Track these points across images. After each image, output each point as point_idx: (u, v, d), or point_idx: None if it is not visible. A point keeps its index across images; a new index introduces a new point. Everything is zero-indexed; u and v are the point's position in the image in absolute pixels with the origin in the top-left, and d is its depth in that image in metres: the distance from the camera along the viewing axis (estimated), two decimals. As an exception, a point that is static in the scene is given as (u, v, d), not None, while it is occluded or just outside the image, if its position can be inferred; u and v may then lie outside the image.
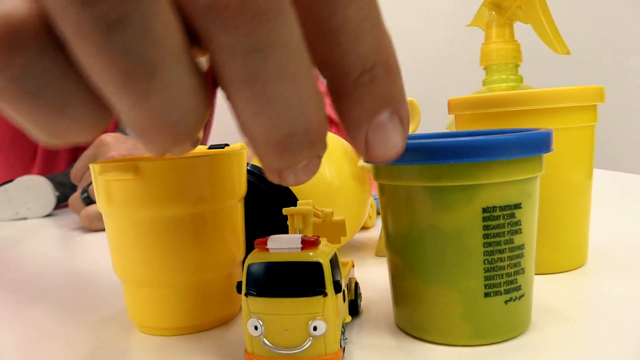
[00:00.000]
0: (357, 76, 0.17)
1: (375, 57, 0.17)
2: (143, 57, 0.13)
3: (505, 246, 0.25)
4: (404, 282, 0.27)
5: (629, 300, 0.30)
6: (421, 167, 0.24)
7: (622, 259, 0.37)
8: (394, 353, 0.25)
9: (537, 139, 0.24)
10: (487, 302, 0.25)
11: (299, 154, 0.17)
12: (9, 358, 0.28)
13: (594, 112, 0.36)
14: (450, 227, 0.24)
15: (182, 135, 0.15)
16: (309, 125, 0.16)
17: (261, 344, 0.23)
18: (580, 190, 0.35)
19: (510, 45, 0.42)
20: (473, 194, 0.24)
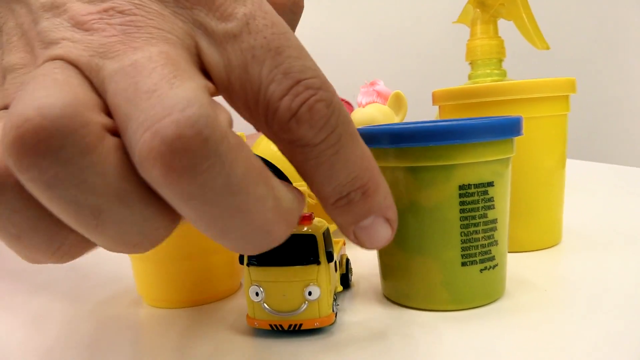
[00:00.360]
0: (334, 202, 0.20)
1: (351, 186, 0.19)
2: (84, 203, 0.15)
3: (480, 220, 0.27)
4: (390, 255, 0.29)
5: (599, 274, 0.32)
6: (403, 150, 0.27)
7: (594, 239, 0.40)
8: (381, 318, 0.28)
9: (506, 124, 0.27)
10: (464, 270, 0.28)
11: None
12: (21, 334, 0.30)
13: (567, 102, 0.39)
14: (430, 203, 0.27)
15: (149, 248, 0.17)
16: (272, 242, 0.18)
17: (261, 309, 0.26)
18: (554, 174, 0.38)
19: (494, 41, 0.45)
20: (450, 173, 0.27)
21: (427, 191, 0.27)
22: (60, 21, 0.18)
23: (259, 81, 0.18)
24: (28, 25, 0.19)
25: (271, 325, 0.26)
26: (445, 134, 0.26)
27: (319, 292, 0.26)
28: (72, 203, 0.15)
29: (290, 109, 0.17)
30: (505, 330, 0.25)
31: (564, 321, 0.26)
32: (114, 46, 0.17)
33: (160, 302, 0.32)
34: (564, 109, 0.38)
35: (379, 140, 0.27)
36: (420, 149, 0.27)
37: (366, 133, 0.28)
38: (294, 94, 0.17)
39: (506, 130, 0.27)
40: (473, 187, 0.27)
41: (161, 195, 0.16)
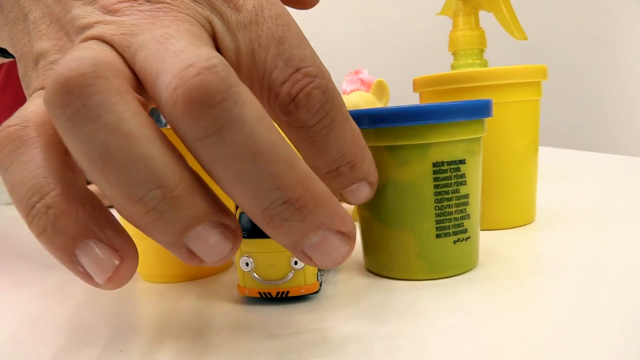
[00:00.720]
0: (325, 173, 0.22)
1: (341, 161, 0.22)
2: (95, 139, 0.17)
3: (452, 195, 0.30)
4: (371, 230, 0.32)
5: (568, 248, 0.35)
6: (382, 130, 0.29)
7: (566, 219, 0.42)
8: (362, 287, 0.30)
9: (475, 106, 0.29)
10: (438, 242, 0.30)
11: (287, 224, 0.18)
12: (22, 310, 0.32)
13: (538, 87, 0.41)
14: (407, 179, 0.29)
15: (152, 204, 0.18)
16: (288, 194, 0.18)
17: (251, 278, 0.28)
18: (527, 155, 0.41)
19: (476, 32, 0.47)
20: (424, 151, 0.29)
21: (403, 168, 0.29)
22: (92, 9, 0.20)
23: (263, 67, 0.20)
24: (59, 14, 0.21)
25: (260, 293, 0.28)
26: (420, 114, 0.28)
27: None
28: (86, 141, 0.17)
29: (290, 94, 0.20)
30: (477, 295, 0.28)
31: (532, 286, 0.28)
32: (144, 26, 0.19)
33: (156, 278, 0.34)
34: (536, 94, 0.41)
35: (361, 122, 0.29)
36: (397, 129, 0.29)
37: (350, 115, 0.30)
38: (293, 80, 0.20)
39: (476, 112, 0.29)
40: (446, 164, 0.29)
41: (181, 136, 0.18)
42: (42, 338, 0.27)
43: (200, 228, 0.18)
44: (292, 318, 0.27)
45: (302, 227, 0.18)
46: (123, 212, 0.19)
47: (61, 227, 0.18)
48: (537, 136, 0.42)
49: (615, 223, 0.39)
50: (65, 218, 0.18)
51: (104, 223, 0.19)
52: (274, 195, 0.18)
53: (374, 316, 0.26)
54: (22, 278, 0.38)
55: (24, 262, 0.43)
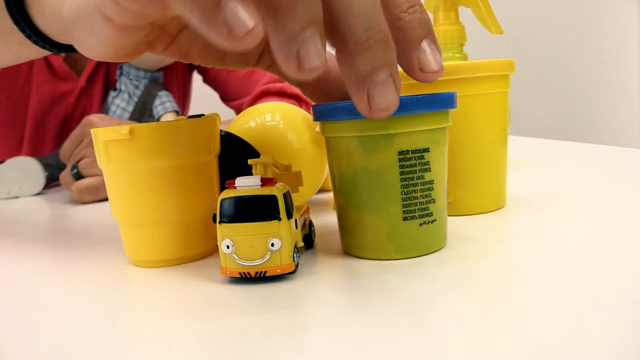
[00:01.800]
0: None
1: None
2: None
3: (418, 181, 0.32)
4: (346, 214, 0.34)
5: (535, 230, 0.37)
6: (354, 121, 0.31)
7: (534, 204, 0.45)
8: (336, 267, 0.33)
9: (438, 99, 0.31)
10: (405, 224, 0.32)
11: (375, 48, 0.24)
12: (15, 294, 0.35)
13: (507, 80, 0.43)
14: (376, 166, 0.32)
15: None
16: (384, 28, 0.24)
17: (232, 259, 0.30)
18: (497, 144, 0.43)
19: (456, 26, 0.49)
20: (390, 140, 0.31)
21: (372, 156, 0.32)
22: None
23: None
24: None
25: (240, 274, 0.31)
26: None
27: (280, 244, 0.30)
28: None
29: None
30: (443, 273, 0.30)
31: (497, 266, 0.31)
32: None
33: (146, 263, 0.37)
34: (504, 86, 0.43)
35: (335, 114, 0.32)
36: (366, 121, 0.31)
37: (325, 108, 0.32)
38: None
39: (439, 104, 0.31)
40: (410, 152, 0.31)
41: None
42: (35, 316, 0.29)
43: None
44: (270, 296, 0.29)
45: (382, 57, 0.24)
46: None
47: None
48: (506, 125, 0.44)
49: (581, 208, 0.42)
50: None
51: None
52: (374, 23, 0.24)
53: (347, 292, 0.28)
54: (20, 263, 0.40)
55: (21, 250, 0.45)
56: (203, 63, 0.35)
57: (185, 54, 0.34)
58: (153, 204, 0.35)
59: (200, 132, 0.36)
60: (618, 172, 0.55)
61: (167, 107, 0.88)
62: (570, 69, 1.78)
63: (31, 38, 0.35)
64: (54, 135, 0.93)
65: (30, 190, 0.79)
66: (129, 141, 0.34)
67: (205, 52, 0.35)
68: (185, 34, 0.33)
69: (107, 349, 0.24)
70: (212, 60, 0.35)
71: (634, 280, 0.26)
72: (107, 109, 0.88)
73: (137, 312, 0.29)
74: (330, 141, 0.34)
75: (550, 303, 0.24)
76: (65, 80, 0.90)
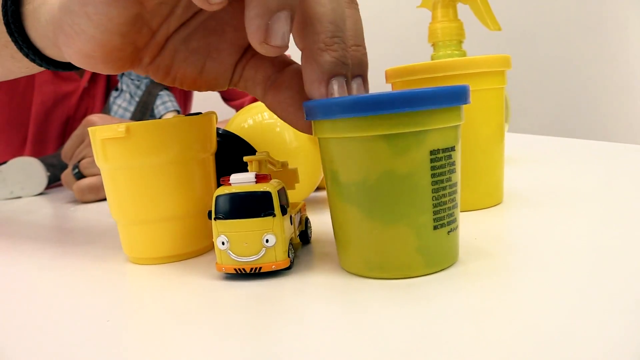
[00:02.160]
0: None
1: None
2: None
3: (447, 184, 0.29)
4: (360, 228, 0.29)
5: (532, 226, 0.37)
6: (378, 117, 0.27)
7: (532, 199, 0.45)
8: (331, 263, 0.33)
9: (463, 91, 0.28)
10: (435, 234, 0.29)
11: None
12: (14, 290, 0.35)
13: (503, 76, 0.43)
14: (405, 170, 0.28)
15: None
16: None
17: (227, 256, 0.31)
18: (494, 139, 0.43)
19: (454, 23, 0.49)
20: (423, 138, 0.28)
21: (401, 158, 0.28)
22: None
23: None
24: None
25: (236, 270, 0.31)
26: (421, 99, 0.27)
27: (275, 240, 0.30)
28: None
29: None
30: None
31: (493, 259, 0.30)
32: None
33: (143, 260, 0.37)
34: (501, 82, 0.43)
35: (353, 109, 0.27)
36: (396, 116, 0.27)
37: (332, 104, 0.28)
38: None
39: (463, 97, 0.29)
40: (441, 151, 0.28)
41: None
42: (33, 312, 0.29)
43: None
44: (265, 292, 0.29)
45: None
46: None
47: None
48: (503, 121, 0.44)
49: (579, 205, 0.42)
50: None
51: None
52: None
53: (342, 288, 0.29)
54: (20, 261, 0.41)
55: (21, 249, 0.45)
56: (183, 82, 0.35)
57: (168, 67, 0.34)
58: (150, 201, 0.35)
59: (197, 130, 0.36)
60: (616, 169, 0.55)
61: (168, 106, 0.88)
62: (569, 66, 1.77)
63: (22, 50, 0.36)
64: (57, 135, 0.94)
65: (32, 191, 0.79)
66: (125, 139, 0.34)
67: (186, 63, 0.34)
68: (171, 44, 0.33)
69: (103, 345, 0.24)
70: (191, 76, 0.34)
71: (633, 277, 0.26)
72: (108, 109, 0.89)
73: (132, 309, 0.29)
74: (335, 143, 0.29)
75: (549, 299, 0.24)
76: (68, 81, 0.91)
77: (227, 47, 0.34)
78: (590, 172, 0.54)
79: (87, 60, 0.31)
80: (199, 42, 0.34)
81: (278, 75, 0.33)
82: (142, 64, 0.33)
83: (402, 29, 1.58)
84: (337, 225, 0.31)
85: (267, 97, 0.33)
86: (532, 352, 0.20)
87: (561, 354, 0.19)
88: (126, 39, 0.31)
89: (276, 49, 0.27)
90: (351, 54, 0.30)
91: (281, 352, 0.22)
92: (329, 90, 0.29)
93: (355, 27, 0.30)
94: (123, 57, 0.32)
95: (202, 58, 0.34)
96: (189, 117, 0.36)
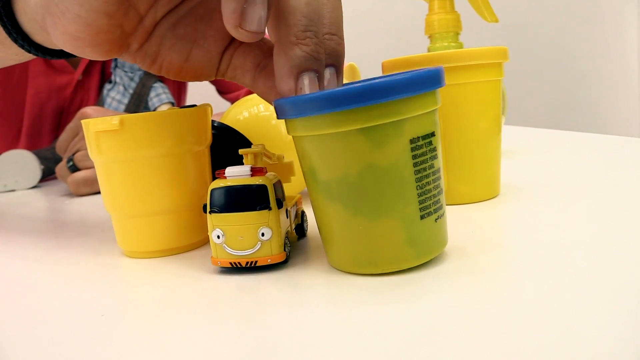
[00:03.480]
0: None
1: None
2: None
3: (429, 171, 0.28)
4: (346, 225, 0.28)
5: (528, 219, 0.37)
6: (358, 111, 0.26)
7: (528, 192, 0.45)
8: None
9: (438, 74, 0.28)
10: (422, 223, 0.28)
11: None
12: (8, 284, 0.35)
13: (500, 68, 0.43)
14: (386, 162, 0.27)
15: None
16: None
17: (223, 249, 0.30)
18: (491, 132, 0.43)
19: (451, 15, 0.48)
20: (402, 128, 0.27)
21: (381, 150, 0.27)
22: None
23: None
24: None
25: (231, 263, 0.30)
26: (398, 87, 0.26)
27: (271, 233, 0.30)
28: None
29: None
30: (434, 261, 0.30)
31: (489, 252, 0.30)
32: None
33: (137, 254, 0.37)
34: (497, 74, 0.43)
35: (326, 105, 0.26)
36: (373, 107, 0.26)
37: (304, 100, 0.27)
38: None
39: (438, 80, 0.28)
40: (421, 139, 0.28)
41: None
42: (27, 306, 0.29)
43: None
44: (261, 286, 0.29)
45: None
46: None
47: None
48: (499, 113, 0.44)
49: (575, 197, 0.42)
50: None
51: None
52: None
53: (338, 282, 0.28)
54: (14, 254, 0.41)
55: (15, 242, 0.45)
56: (169, 70, 0.34)
57: (155, 54, 0.33)
58: (144, 194, 0.35)
59: (192, 123, 0.36)
60: (613, 161, 0.55)
61: (162, 98, 0.88)
62: (564, 58, 1.77)
63: (11, 35, 0.35)
64: (51, 128, 0.93)
65: (26, 184, 0.79)
66: (119, 132, 0.34)
67: (172, 50, 0.33)
68: (159, 30, 0.33)
69: (98, 339, 0.24)
70: (177, 63, 0.34)
71: (631, 269, 0.26)
72: (102, 102, 0.88)
73: (127, 303, 0.29)
74: (311, 141, 0.28)
75: (545, 292, 0.24)
76: (62, 73, 0.90)
77: (213, 34, 0.33)
78: (586, 165, 0.54)
79: (74, 42, 0.31)
80: (186, 28, 0.33)
81: (268, 62, 0.32)
82: (130, 49, 0.33)
83: (399, 20, 1.58)
84: (321, 223, 0.30)
85: (258, 84, 0.33)
86: (527, 346, 0.20)
87: (558, 347, 0.19)
88: (112, 21, 0.30)
89: (251, 35, 0.26)
90: (325, 43, 0.28)
91: (277, 345, 0.22)
92: (298, 85, 0.28)
93: (332, 16, 0.29)
94: (111, 41, 0.31)
95: (189, 45, 0.33)
96: (184, 110, 0.36)
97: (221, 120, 0.46)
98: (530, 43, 1.73)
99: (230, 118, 0.48)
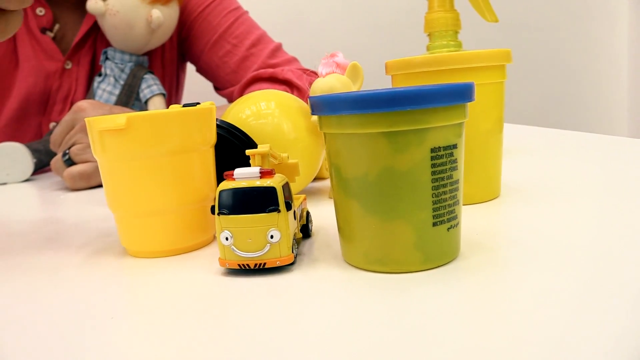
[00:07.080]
0: None
1: None
2: None
3: (447, 181, 0.29)
4: (361, 221, 0.29)
5: (529, 220, 0.37)
6: (382, 115, 0.27)
7: (529, 192, 0.45)
8: (334, 257, 0.33)
9: (466, 89, 0.29)
10: (434, 230, 0.29)
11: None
12: (10, 288, 0.34)
13: (503, 70, 0.43)
14: (405, 167, 0.28)
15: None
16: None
17: (231, 251, 0.30)
18: (493, 134, 0.43)
19: (450, 14, 0.48)
20: (423, 136, 0.28)
21: (402, 155, 0.28)
22: None
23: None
24: None
25: (240, 265, 0.30)
26: (423, 97, 0.27)
27: (280, 236, 0.30)
28: None
29: None
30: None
31: (491, 253, 0.31)
32: None
33: (142, 253, 0.36)
34: (501, 76, 0.43)
35: (354, 106, 0.28)
36: (397, 113, 0.27)
37: (335, 100, 0.28)
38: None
39: (466, 95, 0.29)
40: (442, 149, 0.28)
41: None
42: (35, 309, 0.29)
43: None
44: (269, 288, 0.29)
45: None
46: None
47: None
48: (502, 115, 0.44)
49: (575, 197, 0.42)
50: None
51: None
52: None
53: (346, 283, 0.28)
54: (13, 255, 0.40)
55: (13, 241, 0.44)
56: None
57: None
58: (149, 193, 0.35)
59: (197, 122, 0.36)
60: (612, 161, 0.55)
61: (153, 90, 0.87)
62: (558, 58, 1.79)
63: None
64: (36, 112, 0.91)
65: (18, 177, 0.78)
66: (124, 131, 0.33)
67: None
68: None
69: (109, 342, 0.24)
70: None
71: (631, 269, 0.26)
72: (93, 94, 0.87)
73: (136, 304, 0.29)
74: (339, 138, 0.30)
75: (547, 293, 0.25)
76: (51, 59, 0.89)
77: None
78: (585, 165, 0.54)
79: None
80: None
81: None
82: None
83: (398, 18, 1.57)
84: (340, 218, 0.31)
85: None
86: (528, 345, 0.20)
87: (561, 346, 0.19)
88: None
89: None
90: None
91: (286, 348, 0.22)
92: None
93: None
94: None
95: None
96: (190, 109, 0.35)
97: (223, 118, 0.46)
98: (527, 42, 1.74)
99: (232, 116, 0.47)
